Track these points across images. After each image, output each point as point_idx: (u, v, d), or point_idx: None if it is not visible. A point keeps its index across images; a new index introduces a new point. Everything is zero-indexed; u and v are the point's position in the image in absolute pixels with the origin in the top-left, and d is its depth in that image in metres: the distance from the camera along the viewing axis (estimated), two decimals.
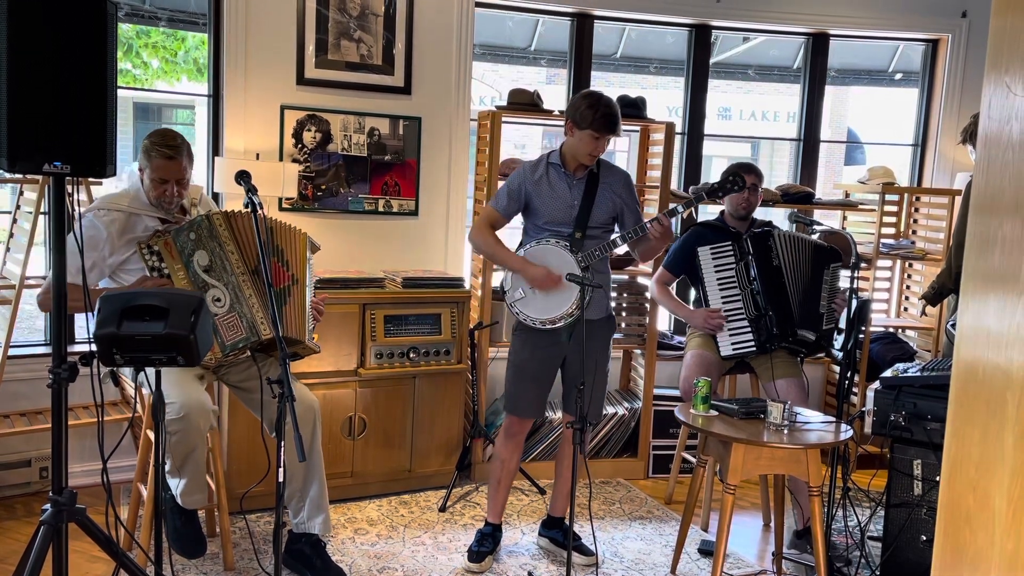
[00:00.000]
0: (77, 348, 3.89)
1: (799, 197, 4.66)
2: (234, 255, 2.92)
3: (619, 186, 3.28)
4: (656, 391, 4.40)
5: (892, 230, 4.89)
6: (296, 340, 2.99)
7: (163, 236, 2.87)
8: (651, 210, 4.37)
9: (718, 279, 3.70)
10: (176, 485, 2.95)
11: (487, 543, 3.38)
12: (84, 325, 3.21)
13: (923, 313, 4.37)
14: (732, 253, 3.69)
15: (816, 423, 3.09)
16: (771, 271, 3.64)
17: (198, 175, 3.20)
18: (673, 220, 3.16)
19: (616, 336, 4.38)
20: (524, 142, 8.22)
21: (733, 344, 3.65)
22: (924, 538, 3.05)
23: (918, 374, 3.17)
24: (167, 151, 2.94)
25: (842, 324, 3.34)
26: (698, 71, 4.96)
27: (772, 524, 3.59)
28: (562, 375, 3.36)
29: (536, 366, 3.28)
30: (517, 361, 3.30)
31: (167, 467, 2.88)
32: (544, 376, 3.31)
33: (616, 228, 3.33)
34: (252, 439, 3.50)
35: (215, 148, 4.12)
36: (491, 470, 3.45)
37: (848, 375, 3.26)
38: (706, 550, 3.53)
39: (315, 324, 3.14)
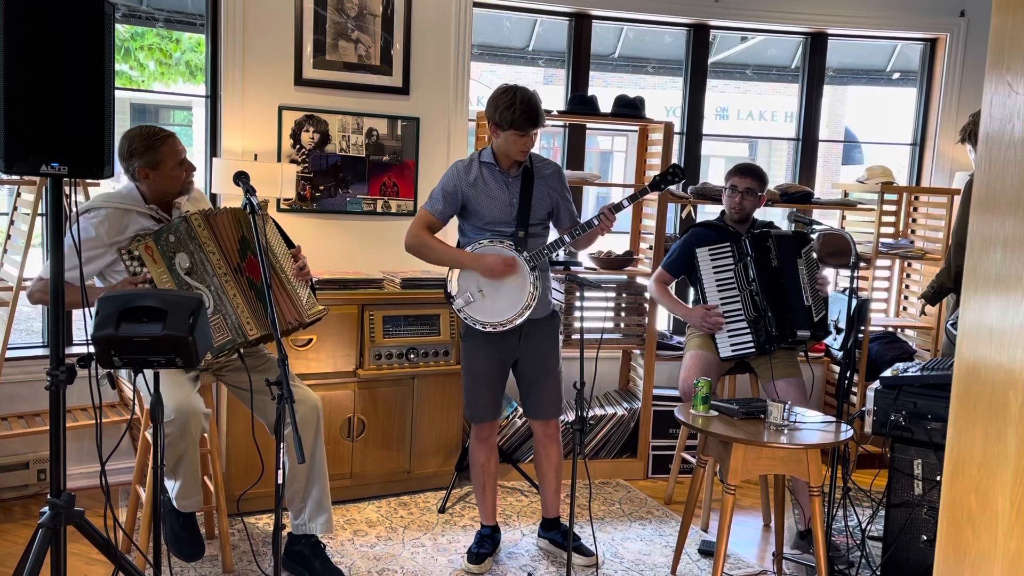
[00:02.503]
0: (75, 350, 3.89)
1: (798, 197, 4.66)
2: (215, 255, 2.87)
3: (554, 180, 3.27)
4: (655, 391, 4.39)
5: (891, 229, 4.89)
6: (294, 328, 2.98)
7: (143, 240, 2.83)
8: (650, 210, 4.37)
9: (717, 280, 3.70)
10: (171, 488, 2.94)
11: (487, 544, 3.38)
12: (82, 327, 3.20)
13: (922, 312, 4.36)
14: (731, 254, 3.68)
15: (816, 423, 3.09)
16: (770, 272, 3.63)
17: (197, 175, 3.18)
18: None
19: (615, 336, 4.40)
20: None
21: (732, 345, 3.65)
22: (925, 538, 3.05)
23: (918, 373, 3.16)
24: (164, 133, 2.96)
25: (842, 324, 3.33)
26: (696, 71, 4.96)
27: (772, 524, 3.59)
28: (516, 376, 3.36)
29: (491, 370, 3.27)
30: (471, 368, 3.29)
31: (164, 469, 2.87)
32: (498, 379, 3.31)
33: (551, 223, 3.32)
34: (251, 440, 3.48)
35: (213, 149, 4.11)
36: (472, 476, 3.44)
37: (848, 375, 3.26)
38: (706, 550, 3.52)
39: (309, 289, 3.06)
